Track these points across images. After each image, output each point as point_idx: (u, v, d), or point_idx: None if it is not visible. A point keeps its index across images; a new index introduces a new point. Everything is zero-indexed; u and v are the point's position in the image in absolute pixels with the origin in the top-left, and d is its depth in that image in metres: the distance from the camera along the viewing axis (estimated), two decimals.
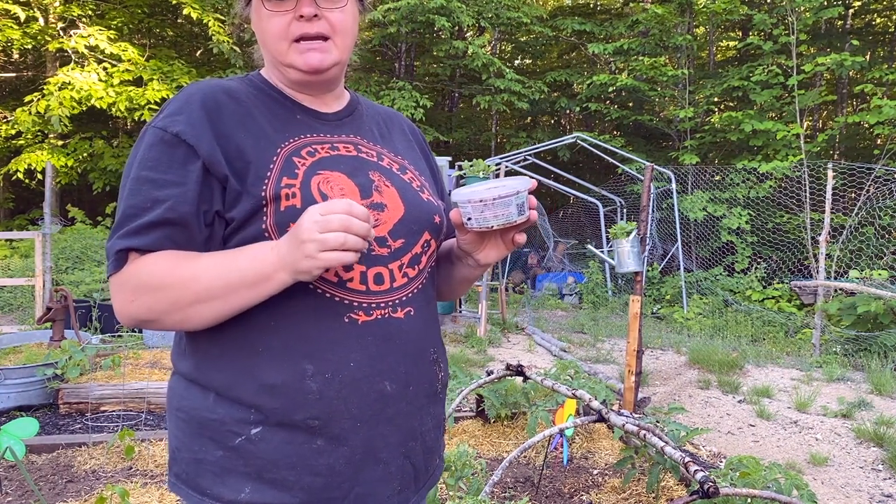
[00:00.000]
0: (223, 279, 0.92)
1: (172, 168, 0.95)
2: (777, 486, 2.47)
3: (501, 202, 1.00)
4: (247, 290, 0.92)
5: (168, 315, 0.94)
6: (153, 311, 0.94)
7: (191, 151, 0.96)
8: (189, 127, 0.97)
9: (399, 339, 1.04)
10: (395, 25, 11.98)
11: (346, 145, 1.10)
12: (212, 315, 0.94)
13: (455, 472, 2.68)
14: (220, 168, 0.96)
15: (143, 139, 0.99)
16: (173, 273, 0.92)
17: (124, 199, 0.96)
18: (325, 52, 1.05)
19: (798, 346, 7.33)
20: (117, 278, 0.95)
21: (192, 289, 0.92)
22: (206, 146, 0.96)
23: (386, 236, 1.04)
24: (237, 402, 0.98)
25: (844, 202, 9.24)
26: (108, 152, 12.68)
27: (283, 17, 1.02)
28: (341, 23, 1.05)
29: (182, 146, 0.96)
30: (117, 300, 0.95)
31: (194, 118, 0.98)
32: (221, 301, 0.93)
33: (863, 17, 15.15)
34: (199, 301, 0.92)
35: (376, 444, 1.02)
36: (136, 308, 0.94)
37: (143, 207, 0.93)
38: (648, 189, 4.17)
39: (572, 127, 18.73)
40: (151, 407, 4.28)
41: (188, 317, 0.94)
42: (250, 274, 0.92)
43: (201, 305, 0.93)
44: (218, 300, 0.93)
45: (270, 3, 1.02)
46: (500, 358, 6.34)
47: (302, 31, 1.03)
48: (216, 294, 0.92)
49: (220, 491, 0.98)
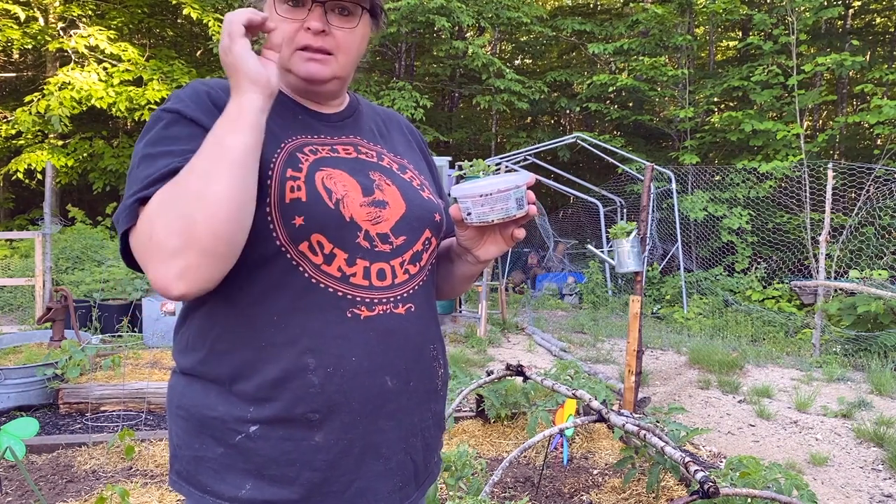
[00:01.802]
0: (205, 146, 0.88)
1: (192, 143, 0.93)
2: (777, 486, 2.47)
3: (500, 196, 1.00)
4: (230, 134, 0.88)
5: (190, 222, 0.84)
6: (173, 230, 0.84)
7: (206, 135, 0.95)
8: (203, 114, 0.97)
9: (400, 334, 1.04)
10: (395, 25, 11.98)
11: (346, 147, 1.10)
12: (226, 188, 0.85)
13: (455, 472, 2.68)
14: None
15: (154, 122, 0.98)
16: (170, 183, 0.88)
17: (138, 171, 0.93)
18: (325, 65, 1.06)
19: (798, 346, 7.33)
20: (134, 233, 0.89)
21: (189, 176, 0.87)
22: None
23: (388, 233, 1.05)
24: (238, 398, 0.98)
25: (844, 202, 9.24)
26: (108, 152, 12.69)
27: (292, 25, 1.03)
28: (347, 43, 1.06)
29: (200, 129, 0.95)
30: (145, 256, 0.87)
31: (205, 107, 0.99)
32: (220, 164, 0.86)
33: (863, 17, 15.16)
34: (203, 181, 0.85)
35: (376, 438, 1.02)
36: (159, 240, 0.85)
37: (161, 174, 0.90)
38: (648, 189, 4.17)
39: (572, 127, 18.75)
40: (151, 407, 4.28)
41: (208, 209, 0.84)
42: (223, 124, 0.89)
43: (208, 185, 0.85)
44: (216, 165, 0.86)
45: (283, 9, 1.03)
46: (500, 358, 6.34)
47: (307, 42, 1.04)
48: (213, 160, 0.87)
49: (221, 488, 0.98)
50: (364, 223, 1.02)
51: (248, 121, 0.89)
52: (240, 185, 0.87)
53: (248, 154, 0.89)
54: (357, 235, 1.01)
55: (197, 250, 0.84)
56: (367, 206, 1.03)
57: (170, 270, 0.85)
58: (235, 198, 0.86)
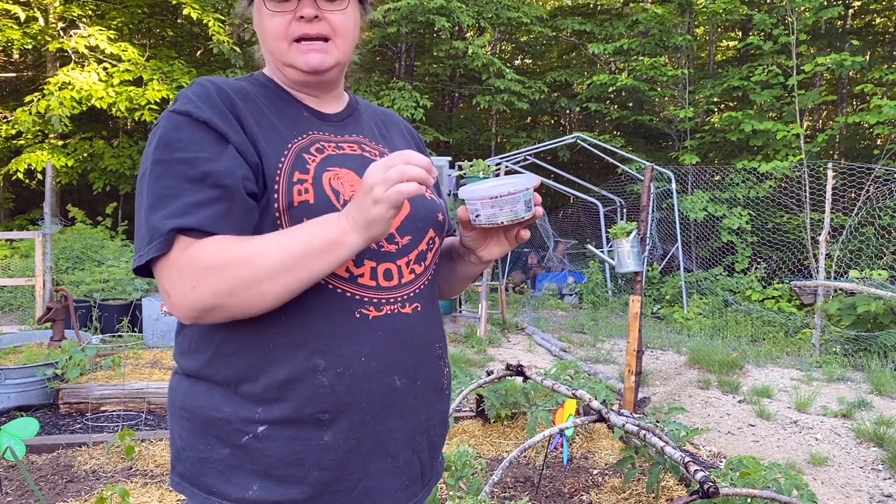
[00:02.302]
0: (290, 249, 0.89)
1: (205, 148, 0.93)
2: (777, 486, 2.47)
3: (510, 199, 1.01)
4: (315, 258, 0.89)
5: (235, 296, 0.88)
6: (218, 295, 0.88)
7: (220, 138, 0.95)
8: (215, 116, 0.96)
9: (407, 334, 1.05)
10: (395, 25, 11.98)
11: (351, 144, 1.11)
12: (280, 291, 0.89)
13: (455, 472, 2.68)
14: (250, 156, 0.96)
15: (165, 124, 0.96)
16: (236, 250, 0.88)
17: (155, 180, 0.92)
18: (326, 53, 1.05)
19: (798, 346, 7.33)
20: (169, 263, 0.89)
21: (259, 264, 0.88)
22: (235, 135, 0.96)
23: (394, 233, 1.05)
24: (245, 399, 0.98)
25: (844, 202, 9.24)
26: (109, 152, 12.68)
27: (284, 17, 1.03)
28: (342, 25, 1.06)
29: (212, 132, 0.95)
30: (177, 289, 0.89)
31: (217, 108, 0.97)
32: (289, 274, 0.88)
33: (863, 17, 15.15)
34: (269, 276, 0.88)
35: (384, 437, 1.02)
36: (200, 294, 0.88)
37: (183, 187, 0.90)
38: (648, 189, 4.17)
39: (572, 127, 18.74)
40: (151, 407, 4.29)
41: (257, 296, 0.89)
42: (318, 240, 0.89)
43: (270, 282, 0.88)
44: (286, 273, 0.88)
45: (271, 3, 1.03)
46: (500, 358, 6.34)
47: (302, 32, 1.03)
48: (285, 266, 0.88)
49: (228, 489, 0.98)
50: None
51: (339, 258, 0.91)
52: (294, 291, 0.92)
53: (317, 278, 0.92)
54: None
55: (223, 313, 0.91)
56: None
57: (192, 312, 0.91)
58: (283, 299, 0.92)
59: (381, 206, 0.86)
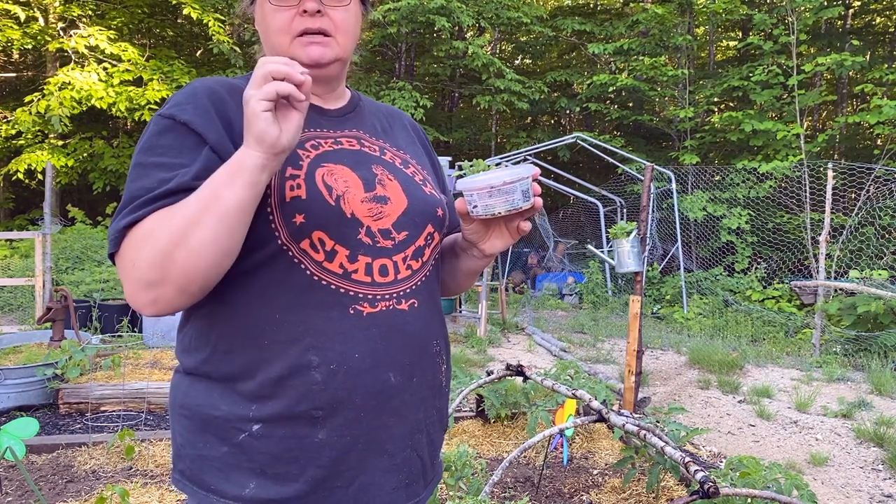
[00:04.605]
0: (202, 191, 0.89)
1: (183, 154, 0.95)
2: (777, 486, 2.47)
3: (507, 188, 1.00)
4: (226, 186, 0.88)
5: (171, 261, 0.87)
6: (155, 264, 0.88)
7: (200, 140, 0.97)
8: (197, 117, 0.98)
9: (403, 330, 1.04)
10: (395, 25, 11.99)
11: (350, 139, 1.11)
12: (210, 236, 0.87)
13: (455, 472, 2.68)
14: (229, 155, 0.96)
15: (150, 128, 0.99)
16: (161, 214, 0.90)
17: (130, 183, 0.95)
18: (327, 47, 1.06)
19: (798, 346, 7.33)
20: (119, 256, 0.92)
21: (179, 215, 0.88)
22: (214, 134, 0.97)
23: (390, 228, 1.05)
24: (241, 397, 0.98)
25: (844, 202, 9.24)
26: (109, 152, 12.69)
27: (287, 13, 1.04)
28: (343, 21, 1.07)
29: (192, 135, 0.97)
30: (126, 278, 0.91)
31: (201, 108, 0.99)
32: (208, 213, 0.87)
33: (863, 17, 15.16)
34: (190, 223, 0.87)
35: (380, 435, 1.02)
36: (139, 270, 0.89)
37: (150, 188, 0.92)
38: (648, 189, 4.17)
39: (572, 127, 18.75)
40: (151, 407, 4.29)
41: (190, 252, 0.87)
42: (223, 171, 0.89)
43: (193, 228, 0.87)
44: (205, 214, 0.87)
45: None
46: (500, 358, 6.34)
47: (304, 27, 1.04)
48: (202, 205, 0.88)
49: (225, 487, 0.98)
50: (365, 219, 1.02)
51: (245, 179, 0.88)
52: (224, 236, 0.89)
53: (241, 210, 0.89)
54: (358, 232, 1.01)
55: (171, 286, 0.89)
56: (368, 202, 1.03)
57: (145, 297, 0.91)
58: (217, 248, 0.89)
59: (248, 92, 0.87)
